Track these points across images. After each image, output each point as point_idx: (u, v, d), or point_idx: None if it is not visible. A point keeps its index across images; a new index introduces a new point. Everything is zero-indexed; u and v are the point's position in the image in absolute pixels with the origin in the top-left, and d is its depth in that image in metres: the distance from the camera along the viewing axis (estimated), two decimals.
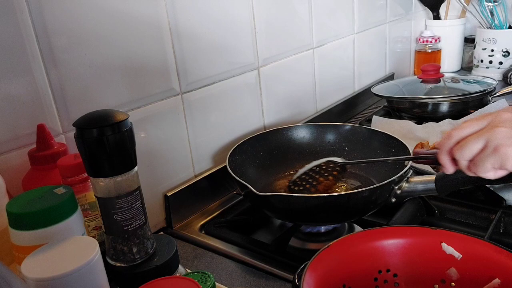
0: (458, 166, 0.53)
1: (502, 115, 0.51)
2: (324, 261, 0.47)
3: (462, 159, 0.52)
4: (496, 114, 0.51)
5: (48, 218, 0.45)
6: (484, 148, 0.50)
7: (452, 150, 0.53)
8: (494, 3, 1.44)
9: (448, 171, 0.55)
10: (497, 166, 0.49)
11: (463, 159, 0.52)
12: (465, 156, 0.51)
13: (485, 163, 0.50)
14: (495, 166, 0.50)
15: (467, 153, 0.51)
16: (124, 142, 0.47)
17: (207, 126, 0.86)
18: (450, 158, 0.54)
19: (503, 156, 0.48)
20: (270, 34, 0.96)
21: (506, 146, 0.48)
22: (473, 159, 0.51)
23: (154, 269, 0.51)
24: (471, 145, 0.51)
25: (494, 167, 0.50)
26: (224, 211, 0.84)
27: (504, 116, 0.50)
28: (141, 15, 0.70)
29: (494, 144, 0.49)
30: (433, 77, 1.23)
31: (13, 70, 0.57)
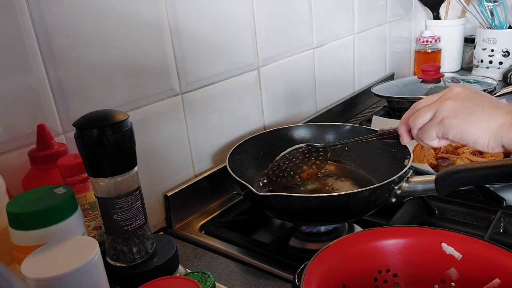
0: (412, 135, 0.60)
1: (453, 90, 0.56)
2: (324, 261, 0.47)
3: (414, 128, 0.58)
4: (449, 89, 0.57)
5: (48, 218, 0.45)
6: (432, 119, 0.56)
7: (408, 120, 0.59)
8: (494, 3, 1.44)
9: (404, 141, 0.61)
10: (440, 135, 0.55)
11: (415, 127, 0.58)
12: (417, 125, 0.57)
13: (431, 132, 0.56)
14: (439, 135, 0.55)
15: (418, 122, 0.57)
16: (124, 142, 0.47)
17: (207, 126, 0.86)
18: (407, 128, 0.60)
19: (446, 126, 0.54)
20: (270, 34, 0.96)
21: (450, 117, 0.54)
22: (421, 128, 0.57)
23: (154, 269, 0.51)
24: (422, 115, 0.57)
25: (438, 136, 0.56)
26: (224, 211, 0.84)
27: (455, 91, 0.56)
28: (141, 15, 0.70)
29: (441, 115, 0.54)
30: (433, 77, 1.24)
31: (13, 70, 0.57)
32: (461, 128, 0.53)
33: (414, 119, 0.57)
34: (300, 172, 0.78)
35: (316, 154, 0.78)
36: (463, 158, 0.86)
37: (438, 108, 0.55)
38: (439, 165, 0.87)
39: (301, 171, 0.78)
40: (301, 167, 0.78)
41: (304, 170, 0.78)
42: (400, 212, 0.73)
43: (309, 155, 0.78)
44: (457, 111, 0.54)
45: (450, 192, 0.68)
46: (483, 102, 0.54)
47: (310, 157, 0.78)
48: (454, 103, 0.54)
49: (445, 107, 0.54)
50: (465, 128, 0.53)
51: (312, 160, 0.78)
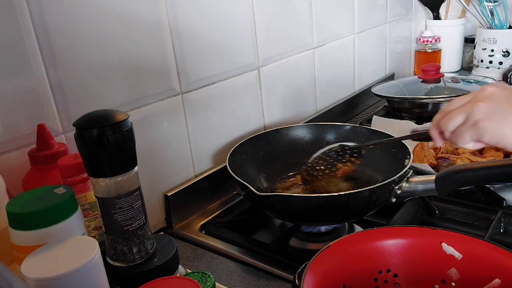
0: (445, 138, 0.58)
1: (485, 90, 0.54)
2: (324, 261, 0.47)
3: (446, 131, 0.57)
4: (480, 90, 0.55)
5: (48, 218, 0.45)
6: (465, 122, 0.54)
7: (439, 123, 0.58)
8: (494, 3, 1.44)
9: (437, 143, 0.60)
10: (475, 138, 0.54)
11: (447, 131, 0.57)
12: (449, 128, 0.56)
13: (465, 135, 0.54)
14: (473, 138, 0.54)
15: (450, 125, 0.56)
16: (124, 142, 0.47)
17: (207, 126, 0.86)
18: (439, 131, 0.59)
19: (481, 130, 0.52)
20: (270, 34, 0.96)
21: (483, 120, 0.52)
22: (455, 131, 0.55)
23: (154, 269, 0.50)
24: (454, 118, 0.55)
25: (472, 139, 0.54)
26: (224, 211, 0.84)
27: (487, 91, 0.54)
28: (141, 15, 0.70)
29: (474, 118, 0.53)
30: (433, 77, 1.23)
31: (13, 70, 0.57)
32: (496, 131, 0.52)
33: (446, 123, 0.56)
34: (335, 170, 0.78)
35: (350, 152, 0.78)
36: (463, 158, 0.86)
37: (471, 110, 0.53)
38: (439, 165, 0.87)
39: (336, 169, 0.78)
40: (335, 165, 0.78)
41: (339, 168, 0.78)
42: (400, 212, 0.73)
43: (343, 153, 0.79)
44: (491, 113, 0.52)
45: (450, 192, 0.68)
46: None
47: (344, 155, 0.78)
48: (488, 105, 0.52)
49: (478, 109, 0.53)
50: (500, 131, 0.51)
51: (346, 158, 0.78)
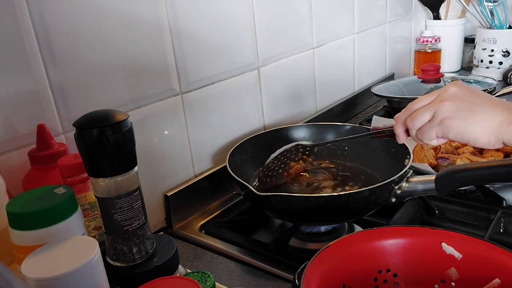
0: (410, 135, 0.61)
1: (448, 90, 0.57)
2: (324, 261, 0.47)
3: (412, 128, 0.59)
4: (444, 89, 0.58)
5: (48, 218, 0.45)
6: (431, 119, 0.57)
7: (405, 121, 0.59)
8: (494, 3, 1.44)
9: (400, 140, 0.63)
10: (440, 135, 0.57)
11: (413, 128, 0.59)
12: (415, 126, 0.58)
13: (431, 132, 0.57)
14: (438, 135, 0.57)
15: (417, 123, 0.58)
16: (124, 142, 0.47)
17: (207, 126, 0.86)
18: (404, 128, 0.61)
19: (447, 127, 0.55)
20: (270, 34, 0.96)
21: (449, 118, 0.55)
22: (421, 128, 0.58)
23: (154, 269, 0.51)
24: (421, 116, 0.58)
25: (438, 136, 0.57)
26: (224, 211, 0.84)
27: (450, 91, 0.57)
28: (141, 15, 0.70)
29: (440, 116, 0.56)
30: (433, 77, 1.24)
31: (13, 70, 0.57)
32: (461, 128, 0.54)
33: (412, 120, 0.58)
34: (288, 169, 0.79)
35: (303, 150, 0.79)
36: (463, 158, 0.86)
37: (437, 109, 0.56)
38: (439, 165, 0.87)
39: (288, 167, 0.79)
40: (288, 164, 0.79)
41: (291, 166, 0.80)
42: (400, 212, 0.73)
43: (296, 152, 0.79)
44: (456, 112, 0.55)
45: (450, 192, 0.68)
46: (479, 100, 0.55)
47: (297, 153, 0.79)
48: (452, 104, 0.55)
49: (443, 108, 0.56)
50: (465, 128, 0.54)
51: (299, 156, 0.79)
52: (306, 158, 0.80)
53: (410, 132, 0.60)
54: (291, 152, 0.79)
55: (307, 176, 0.83)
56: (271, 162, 0.78)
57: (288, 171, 0.80)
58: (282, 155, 0.78)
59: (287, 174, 0.79)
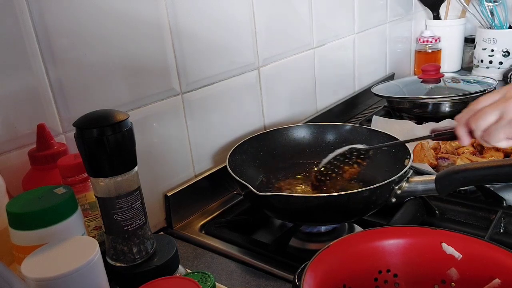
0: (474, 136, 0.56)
1: None
2: (324, 261, 0.47)
3: (477, 130, 0.55)
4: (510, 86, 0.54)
5: (48, 218, 0.45)
6: (499, 119, 0.52)
7: (468, 122, 0.56)
8: (494, 3, 1.44)
9: (464, 142, 0.58)
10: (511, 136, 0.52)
11: (479, 129, 0.54)
12: (481, 127, 0.54)
13: (499, 133, 0.52)
14: (509, 136, 0.52)
15: (482, 124, 0.54)
16: (124, 142, 0.47)
17: (207, 126, 0.86)
18: (467, 130, 0.57)
19: None
20: (270, 34, 0.96)
21: None
22: (487, 129, 0.54)
23: (154, 269, 0.50)
24: (486, 116, 0.53)
25: (507, 137, 0.52)
26: (224, 211, 0.84)
27: None
28: (141, 15, 0.70)
29: (510, 115, 0.51)
30: (433, 77, 1.23)
31: (13, 70, 0.57)
32: None
33: (477, 121, 0.54)
34: (342, 173, 0.77)
35: (357, 154, 0.78)
36: (463, 158, 0.86)
37: (505, 107, 0.52)
38: (439, 165, 0.87)
39: (343, 171, 0.78)
40: (342, 168, 0.77)
41: (345, 170, 0.78)
42: (400, 212, 0.73)
43: (350, 156, 0.78)
44: None
45: (450, 192, 0.68)
46: None
47: (352, 157, 0.78)
48: None
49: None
50: None
51: (353, 160, 0.78)
52: (361, 161, 0.78)
53: (475, 134, 0.56)
54: (344, 156, 0.78)
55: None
56: (324, 166, 0.77)
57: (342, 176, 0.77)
58: (336, 159, 0.77)
59: (341, 178, 0.77)
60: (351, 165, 0.77)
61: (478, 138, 0.56)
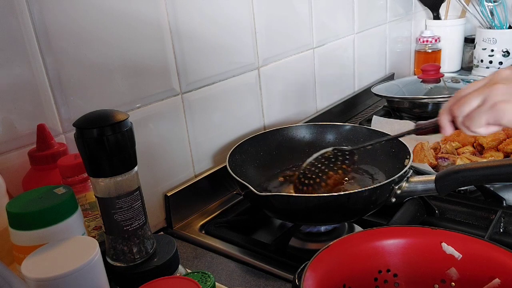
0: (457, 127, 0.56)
1: (501, 73, 0.52)
2: (324, 261, 0.47)
3: (460, 115, 0.54)
4: (495, 73, 0.53)
5: (48, 218, 0.45)
6: (482, 104, 0.51)
7: (452, 108, 0.55)
8: (494, 3, 1.44)
9: (446, 132, 0.57)
10: (492, 121, 0.51)
11: (461, 115, 0.54)
12: (463, 112, 0.53)
13: (481, 118, 0.52)
14: (490, 122, 0.51)
15: (465, 109, 0.53)
16: (124, 142, 0.47)
17: (207, 126, 0.86)
18: (450, 118, 0.56)
19: (500, 112, 0.50)
20: (270, 34, 0.96)
21: (504, 102, 0.50)
22: (469, 114, 0.53)
23: (154, 269, 0.50)
24: (470, 101, 0.52)
25: (488, 123, 0.52)
26: (224, 211, 0.84)
27: (503, 74, 0.52)
28: (141, 15, 0.70)
29: (493, 100, 0.50)
30: (433, 77, 1.23)
31: (13, 69, 0.57)
32: None
33: (460, 106, 0.53)
34: (327, 179, 0.75)
35: (342, 158, 0.76)
36: (463, 158, 0.86)
37: (488, 93, 0.51)
38: (439, 165, 0.87)
39: (327, 177, 0.75)
40: (327, 173, 0.75)
41: (330, 176, 0.75)
42: (400, 212, 0.73)
43: (335, 159, 0.76)
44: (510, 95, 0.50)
45: (450, 192, 0.68)
46: None
47: (336, 161, 0.76)
48: (507, 87, 0.50)
49: (496, 91, 0.50)
50: None
51: (338, 165, 0.76)
52: (346, 167, 0.76)
53: (457, 120, 0.55)
54: (329, 160, 0.75)
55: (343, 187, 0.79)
56: (307, 168, 0.75)
57: (326, 182, 0.75)
58: (319, 162, 0.75)
59: (325, 185, 0.75)
60: (336, 170, 0.76)
61: (459, 125, 0.55)
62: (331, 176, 0.76)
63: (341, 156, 0.76)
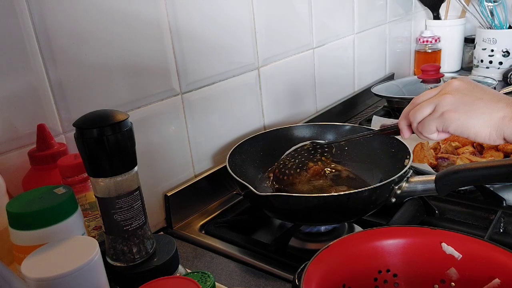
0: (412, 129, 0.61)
1: (452, 84, 0.57)
2: (324, 261, 0.47)
3: (414, 121, 0.59)
4: (447, 83, 0.58)
5: (48, 218, 0.45)
6: (432, 112, 0.57)
7: (408, 114, 0.60)
8: (494, 3, 1.45)
9: (404, 135, 0.63)
10: (441, 128, 0.56)
11: (415, 121, 0.59)
12: (417, 119, 0.58)
13: (431, 125, 0.57)
14: (439, 129, 0.56)
15: (418, 116, 0.58)
16: (124, 142, 0.47)
17: (207, 126, 0.86)
18: (407, 123, 0.61)
19: (447, 120, 0.55)
20: (270, 34, 0.96)
21: (450, 111, 0.55)
22: (421, 121, 0.58)
23: (154, 269, 0.51)
24: (422, 109, 0.58)
25: (438, 129, 0.57)
26: (224, 211, 0.84)
27: (454, 85, 0.57)
28: (141, 15, 0.70)
29: (441, 109, 0.55)
30: (433, 77, 1.24)
31: (13, 70, 0.57)
32: (461, 121, 0.54)
33: (414, 113, 0.59)
34: (307, 169, 0.79)
35: (321, 151, 0.79)
36: (463, 158, 0.86)
37: (438, 102, 0.56)
38: (439, 165, 0.87)
39: (307, 167, 0.79)
40: (307, 164, 0.79)
41: (310, 167, 0.79)
42: (400, 212, 0.73)
43: (314, 152, 0.79)
44: (457, 105, 0.54)
45: (450, 192, 0.68)
46: (482, 95, 0.55)
47: (316, 154, 0.79)
48: (454, 97, 0.55)
49: (445, 101, 0.55)
50: (466, 121, 0.54)
51: (317, 157, 0.79)
52: (325, 159, 0.79)
53: (412, 126, 0.60)
54: (308, 152, 0.78)
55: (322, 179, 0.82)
56: (287, 159, 0.78)
57: (307, 171, 0.79)
58: (298, 153, 0.78)
59: (306, 174, 0.79)
60: (315, 162, 0.79)
61: (414, 130, 0.60)
62: (310, 166, 0.79)
63: (320, 149, 0.79)
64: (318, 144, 0.78)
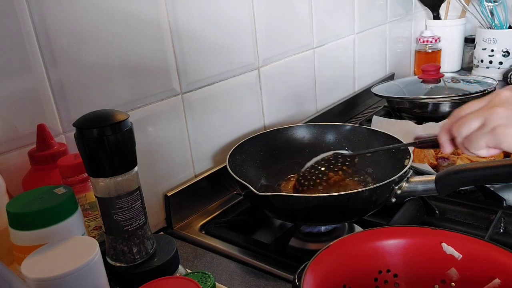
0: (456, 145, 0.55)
1: (501, 94, 0.52)
2: (324, 261, 0.47)
3: (459, 136, 0.53)
4: (495, 94, 0.52)
5: (48, 218, 0.45)
6: (481, 127, 0.51)
7: (451, 128, 0.55)
8: (494, 3, 1.44)
9: (445, 150, 0.57)
10: (492, 145, 0.51)
11: (460, 136, 0.53)
12: (462, 133, 0.53)
13: (480, 141, 0.51)
14: (489, 145, 0.51)
15: (464, 130, 0.52)
16: (124, 142, 0.47)
17: (207, 126, 0.86)
18: (449, 137, 0.56)
19: (500, 136, 0.49)
20: (270, 34, 0.96)
21: (503, 126, 0.49)
22: (468, 136, 0.52)
23: (154, 269, 0.50)
24: (469, 123, 0.52)
25: (488, 146, 0.51)
26: (224, 211, 0.84)
27: (503, 96, 0.51)
28: (141, 15, 0.70)
29: (492, 124, 0.50)
30: (433, 77, 1.23)
31: (13, 70, 0.57)
32: None
33: (459, 127, 0.53)
34: (327, 179, 0.76)
35: (342, 160, 0.76)
36: (463, 158, 0.86)
37: (488, 115, 0.50)
38: (439, 165, 0.87)
39: (327, 178, 0.76)
40: (327, 174, 0.76)
41: (330, 177, 0.76)
42: (400, 212, 0.73)
43: (335, 162, 0.76)
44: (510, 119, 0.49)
45: (450, 192, 0.68)
46: None
47: (337, 163, 0.76)
48: (506, 110, 0.49)
49: (496, 114, 0.50)
50: None
51: (338, 166, 0.76)
52: (346, 169, 0.76)
53: (456, 141, 0.54)
54: (329, 162, 0.76)
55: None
56: (307, 170, 0.76)
57: (327, 182, 0.76)
58: (320, 164, 0.76)
59: (325, 184, 0.75)
60: (336, 171, 0.76)
61: (459, 145, 0.55)
62: (331, 177, 0.76)
63: (342, 159, 0.77)
64: (341, 155, 0.76)
